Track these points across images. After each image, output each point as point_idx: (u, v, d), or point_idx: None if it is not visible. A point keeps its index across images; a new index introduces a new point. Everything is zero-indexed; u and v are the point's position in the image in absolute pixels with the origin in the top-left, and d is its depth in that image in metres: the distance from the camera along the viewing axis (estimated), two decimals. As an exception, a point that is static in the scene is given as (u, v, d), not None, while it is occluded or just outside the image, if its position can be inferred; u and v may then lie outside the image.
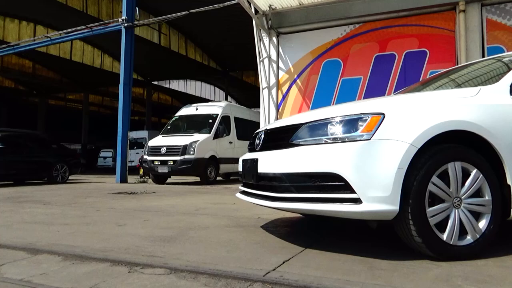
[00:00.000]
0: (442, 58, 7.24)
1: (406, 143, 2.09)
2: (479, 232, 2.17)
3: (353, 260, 2.13)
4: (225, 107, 11.40)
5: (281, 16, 8.57)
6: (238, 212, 4.20)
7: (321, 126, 2.34)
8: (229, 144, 11.08)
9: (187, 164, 9.49)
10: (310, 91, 8.37)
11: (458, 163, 2.17)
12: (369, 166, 2.08)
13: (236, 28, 16.89)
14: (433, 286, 1.71)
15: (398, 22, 7.71)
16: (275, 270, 1.94)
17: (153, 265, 2.07)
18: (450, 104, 2.31)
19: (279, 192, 2.41)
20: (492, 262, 2.09)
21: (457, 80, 3.27)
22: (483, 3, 7.04)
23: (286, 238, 2.77)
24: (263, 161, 2.62)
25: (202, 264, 2.07)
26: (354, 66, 7.97)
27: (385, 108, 2.22)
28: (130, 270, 2.00)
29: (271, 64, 8.75)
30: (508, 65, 2.77)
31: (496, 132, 2.24)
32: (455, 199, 2.16)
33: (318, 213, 2.33)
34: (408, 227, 2.09)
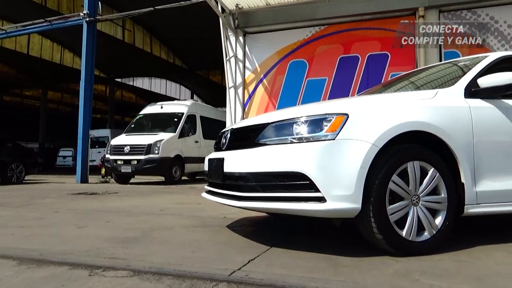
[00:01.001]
0: (403, 61, 7.52)
1: (368, 143, 2.15)
2: (435, 228, 2.27)
3: (318, 257, 2.17)
4: (191, 106, 11.27)
5: (248, 16, 8.58)
6: (203, 212, 4.17)
7: (286, 126, 2.36)
8: (195, 143, 10.96)
9: (151, 163, 9.30)
10: (276, 91, 8.44)
11: (416, 162, 2.26)
12: (333, 166, 2.13)
13: (202, 26, 16.73)
14: (393, 281, 1.77)
15: (361, 25, 7.92)
16: (240, 269, 1.94)
17: (115, 267, 2.01)
18: (409, 106, 2.40)
19: (245, 192, 2.41)
20: (447, 257, 2.20)
21: (416, 82, 3.41)
22: (441, 9, 7.37)
23: (251, 237, 2.78)
24: (229, 161, 2.61)
25: (167, 265, 2.03)
26: (319, 67, 8.12)
27: (349, 109, 2.27)
28: (90, 273, 1.94)
29: (238, 63, 8.74)
30: (463, 69, 2.91)
31: (452, 133, 2.36)
32: (413, 197, 2.25)
33: (283, 212, 2.36)
34: (369, 225, 2.16)
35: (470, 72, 2.76)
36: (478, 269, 1.98)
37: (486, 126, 2.52)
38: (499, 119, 2.59)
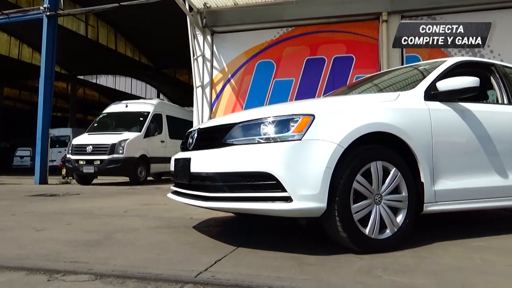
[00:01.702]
0: (367, 64, 7.74)
1: (334, 143, 2.19)
2: (396, 226, 2.35)
3: (284, 257, 2.19)
4: (157, 105, 11.07)
5: (216, 15, 8.54)
6: (169, 212, 4.10)
7: (254, 126, 2.37)
8: (161, 143, 10.78)
9: (115, 163, 9.05)
10: (244, 91, 8.45)
11: (379, 162, 2.33)
12: (300, 165, 2.15)
13: (169, 24, 16.45)
14: (356, 278, 1.81)
15: (328, 28, 8.08)
16: (207, 270, 1.92)
17: (76, 271, 1.94)
18: (373, 108, 2.48)
19: (212, 192, 2.40)
20: (408, 253, 2.28)
21: (380, 85, 3.52)
22: (403, 15, 7.65)
23: (218, 237, 2.76)
24: (196, 161, 2.59)
25: (131, 268, 1.98)
26: (287, 68, 8.21)
27: (315, 109, 2.31)
28: (49, 278, 1.86)
29: (205, 62, 8.68)
30: (423, 73, 3.04)
31: (412, 134, 2.45)
32: (376, 196, 2.32)
33: (250, 211, 2.36)
34: (334, 223, 2.20)
35: (429, 76, 2.88)
36: (436, 264, 2.07)
37: (444, 128, 2.63)
38: (456, 121, 2.72)
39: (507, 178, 2.90)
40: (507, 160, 2.91)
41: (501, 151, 2.88)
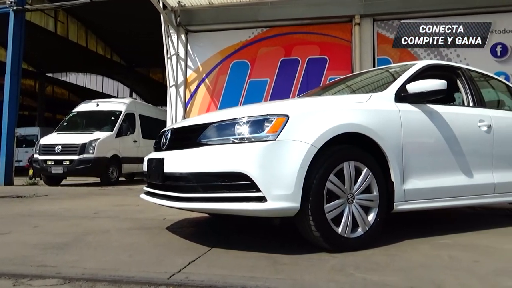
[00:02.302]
0: (340, 65, 7.87)
1: (308, 143, 2.21)
2: (368, 225, 2.40)
3: (258, 256, 2.19)
4: (130, 104, 10.86)
5: (191, 14, 8.46)
6: (142, 213, 4.03)
7: (228, 126, 2.36)
8: (134, 143, 10.58)
9: (85, 164, 8.82)
10: (218, 91, 8.42)
11: (352, 162, 2.37)
12: (274, 166, 2.16)
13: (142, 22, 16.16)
14: (329, 276, 1.84)
15: (302, 29, 8.17)
16: (180, 271, 1.90)
17: (44, 275, 1.87)
18: (346, 109, 2.52)
19: (186, 192, 2.37)
20: (379, 251, 2.33)
21: (352, 86, 3.59)
22: (374, 18, 7.83)
23: (192, 238, 2.74)
24: (169, 161, 2.55)
25: (101, 270, 1.93)
26: (261, 68, 8.23)
27: (290, 110, 2.33)
28: (15, 283, 1.78)
29: (179, 62, 8.58)
30: (394, 76, 3.12)
31: (383, 135, 2.51)
32: (348, 195, 2.36)
33: (225, 212, 2.36)
34: (308, 223, 2.22)
35: (400, 78, 2.96)
36: (405, 261, 2.12)
37: (413, 129, 2.71)
38: (424, 123, 2.81)
39: (472, 178, 3.02)
40: (472, 160, 3.04)
41: (466, 151, 3.00)
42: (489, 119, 3.23)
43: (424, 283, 1.76)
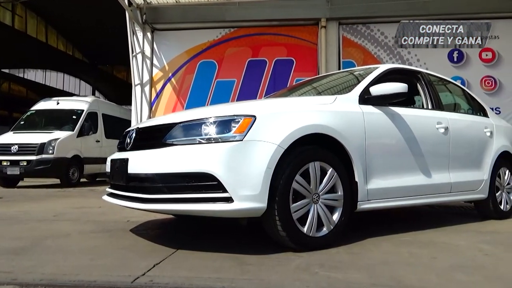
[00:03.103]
0: (306, 67, 7.99)
1: (274, 144, 2.23)
2: (333, 224, 2.45)
3: (224, 257, 2.18)
4: (92, 103, 10.50)
5: (157, 12, 8.31)
6: (104, 216, 3.91)
7: (195, 126, 2.33)
8: (96, 143, 10.24)
9: (44, 164, 8.43)
10: (185, 90, 8.32)
11: (317, 163, 2.41)
12: (241, 166, 2.16)
13: (107, 18, 15.69)
14: (295, 275, 1.86)
15: (269, 30, 8.23)
16: (144, 275, 1.86)
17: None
18: (312, 110, 2.56)
19: (151, 193, 2.33)
20: (343, 250, 2.39)
21: (318, 88, 3.65)
22: (340, 22, 8.01)
23: (157, 240, 2.69)
24: (134, 161, 2.49)
25: (61, 276, 1.85)
26: (229, 68, 8.22)
27: (256, 110, 2.34)
28: (-35, 291, 1.68)
29: (145, 60, 8.41)
30: (358, 78, 3.20)
31: (348, 136, 2.57)
32: (314, 195, 2.40)
33: (191, 213, 2.33)
34: (274, 223, 2.24)
35: (363, 81, 3.04)
36: (368, 259, 2.19)
37: (376, 130, 2.80)
38: (387, 124, 2.91)
39: (430, 177, 3.15)
40: (430, 161, 3.17)
41: (425, 152, 3.13)
42: (447, 122, 3.39)
43: (385, 279, 1.82)
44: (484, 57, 7.68)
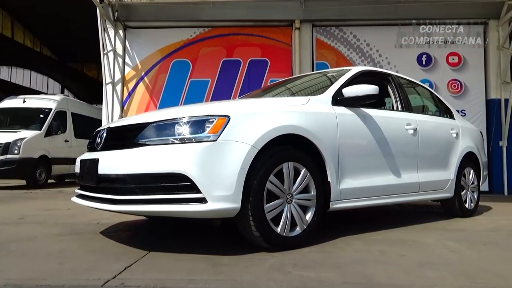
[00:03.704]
0: (280, 68, 8.05)
1: (248, 144, 2.23)
2: (306, 224, 2.48)
3: (197, 258, 2.17)
4: (61, 101, 10.17)
5: (130, 9, 8.15)
6: (73, 218, 3.80)
7: (168, 126, 2.30)
8: (65, 143, 9.93)
9: (9, 165, 8.10)
10: (158, 90, 8.20)
11: (291, 163, 2.43)
12: (215, 166, 2.15)
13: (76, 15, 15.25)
14: (268, 275, 1.87)
15: (244, 31, 8.23)
16: (115, 278, 1.81)
17: (-43, 288, 1.69)
18: (285, 111, 2.58)
19: (122, 194, 2.28)
20: (315, 249, 2.42)
21: (292, 89, 3.68)
22: (314, 24, 8.11)
23: (128, 242, 2.63)
24: (104, 162, 2.43)
25: (27, 280, 1.79)
26: (203, 68, 8.16)
27: (231, 111, 2.33)
28: None
29: (117, 58, 8.23)
30: (331, 80, 3.25)
31: (321, 136, 2.61)
32: (287, 195, 2.42)
33: (163, 214, 2.29)
34: (248, 223, 2.24)
35: (336, 82, 3.09)
36: (340, 257, 2.22)
37: (348, 131, 2.85)
38: (358, 125, 2.97)
39: (400, 177, 3.24)
40: (400, 161, 3.26)
41: (395, 152, 3.21)
42: (415, 123, 3.49)
43: (357, 277, 1.85)
44: (450, 61, 7.97)
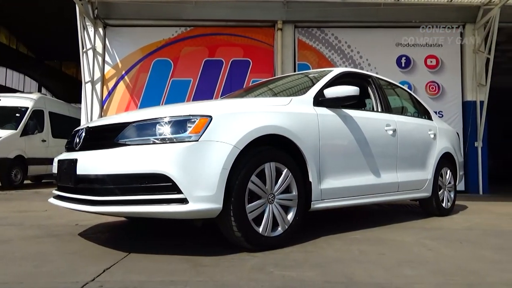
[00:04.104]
0: (263, 68, 8.06)
1: (230, 145, 2.23)
2: (287, 223, 2.49)
3: (178, 260, 2.15)
4: (38, 100, 9.91)
5: (110, 7, 8.02)
6: (51, 220, 3.71)
7: (149, 126, 2.28)
8: (42, 143, 9.69)
9: (-17, 165, 7.86)
10: (139, 89, 8.09)
11: (273, 163, 2.44)
12: (196, 167, 2.14)
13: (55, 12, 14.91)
14: (250, 275, 1.87)
15: (226, 31, 8.21)
16: (94, 280, 1.78)
17: None
18: (267, 111, 2.58)
19: (101, 195, 2.23)
20: (297, 249, 2.44)
21: (274, 89, 3.69)
22: (296, 25, 8.16)
23: (108, 244, 2.59)
24: (83, 162, 2.38)
25: (2, 284, 1.73)
26: (185, 68, 8.10)
27: (213, 111, 2.32)
28: None
29: (96, 56, 8.08)
30: (313, 81, 3.28)
31: (302, 137, 2.63)
32: (269, 195, 2.43)
33: (144, 215, 2.26)
34: (230, 223, 2.24)
35: (318, 83, 3.12)
36: (321, 257, 2.24)
37: (329, 132, 2.88)
38: (339, 126, 3.00)
39: (379, 177, 3.30)
40: (380, 161, 3.32)
41: (375, 153, 3.26)
42: (395, 124, 3.56)
43: (338, 276, 1.87)
44: (429, 64, 8.15)
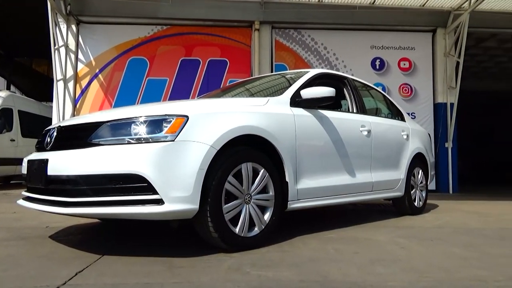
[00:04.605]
0: (240, 68, 8.06)
1: (207, 145, 2.21)
2: (264, 224, 2.50)
3: (153, 261, 2.12)
4: (7, 98, 9.55)
5: (83, 4, 7.83)
6: (20, 222, 3.58)
7: (124, 125, 2.23)
8: (11, 142, 9.34)
9: None
10: (114, 88, 7.94)
11: (249, 163, 2.44)
12: (172, 167, 2.11)
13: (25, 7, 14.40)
14: (227, 276, 1.86)
15: (203, 30, 8.17)
16: (65, 284, 1.73)
17: None
18: (244, 111, 2.58)
19: (74, 197, 2.18)
20: (273, 248, 2.45)
21: (251, 90, 3.70)
22: (273, 25, 8.21)
23: (80, 247, 2.52)
24: (54, 162, 2.31)
25: (-35, 290, 1.66)
26: (161, 67, 8.01)
27: (189, 110, 2.30)
28: None
29: (69, 54, 7.87)
30: (290, 81, 3.30)
31: (279, 137, 2.64)
32: (246, 195, 2.43)
33: (118, 216, 2.22)
34: (206, 224, 2.22)
35: (294, 84, 3.15)
36: (297, 256, 2.26)
37: (306, 132, 2.91)
38: (316, 126, 3.04)
39: (355, 177, 3.36)
40: (355, 161, 3.38)
41: (350, 153, 3.32)
42: (369, 125, 3.63)
43: (313, 275, 1.89)
44: (402, 66, 8.36)
